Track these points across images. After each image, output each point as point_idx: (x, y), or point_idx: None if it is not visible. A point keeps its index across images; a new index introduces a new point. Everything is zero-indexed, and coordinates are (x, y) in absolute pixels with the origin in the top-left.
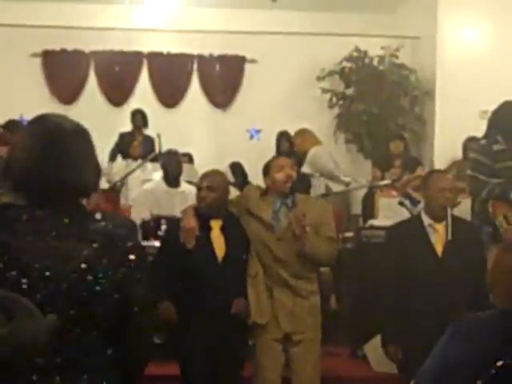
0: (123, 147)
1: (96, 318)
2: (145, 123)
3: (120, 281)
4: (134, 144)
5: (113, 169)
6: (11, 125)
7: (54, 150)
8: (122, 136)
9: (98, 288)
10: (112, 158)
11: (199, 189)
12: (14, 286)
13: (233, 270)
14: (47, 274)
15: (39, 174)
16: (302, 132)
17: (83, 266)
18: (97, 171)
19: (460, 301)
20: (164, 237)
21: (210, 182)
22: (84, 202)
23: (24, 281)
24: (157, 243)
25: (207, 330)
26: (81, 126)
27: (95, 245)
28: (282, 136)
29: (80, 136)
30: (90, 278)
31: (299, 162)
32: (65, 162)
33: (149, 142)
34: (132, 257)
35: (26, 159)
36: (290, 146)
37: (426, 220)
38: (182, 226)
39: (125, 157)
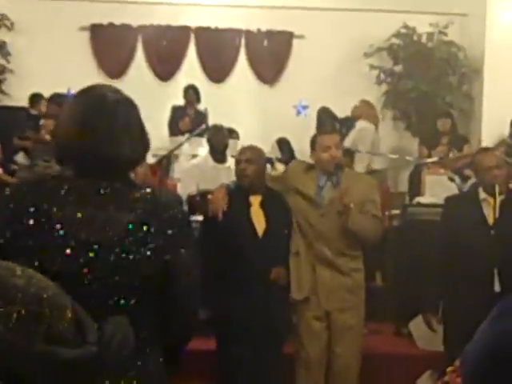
0: (176, 121)
1: (140, 284)
2: (198, 98)
3: (163, 247)
4: (185, 119)
5: (175, 142)
6: (56, 98)
7: (100, 121)
8: (175, 109)
9: (141, 254)
10: (173, 131)
11: (237, 162)
12: (58, 255)
13: (274, 244)
14: (91, 241)
15: (84, 146)
16: (366, 103)
17: (123, 234)
18: (144, 143)
19: (509, 277)
20: (204, 213)
21: (249, 155)
22: (131, 175)
23: (68, 249)
24: (202, 218)
25: (248, 305)
26: (128, 98)
27: (138, 212)
28: (323, 112)
29: (127, 107)
30: (133, 244)
31: (347, 129)
32: (110, 134)
33: (200, 116)
34: (174, 223)
35: (71, 130)
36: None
37: (482, 194)
38: (210, 198)
39: (175, 131)
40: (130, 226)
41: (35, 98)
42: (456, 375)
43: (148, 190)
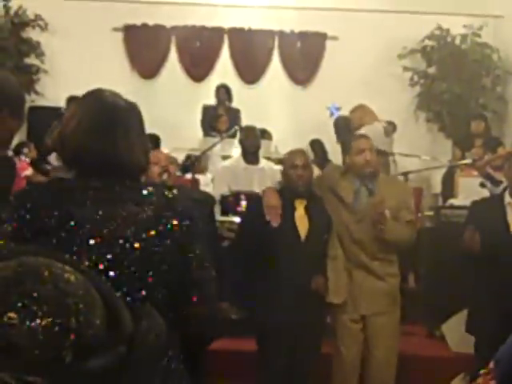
0: (209, 120)
1: (160, 279)
2: (229, 98)
3: (179, 241)
4: (222, 119)
5: (208, 143)
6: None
7: (111, 126)
8: (206, 109)
9: (159, 249)
10: (206, 131)
11: (294, 166)
12: (78, 255)
13: (315, 249)
14: (115, 237)
15: (92, 149)
16: (358, 107)
17: (144, 228)
18: (146, 150)
19: None
20: (247, 213)
21: (305, 161)
22: (165, 175)
23: (87, 249)
24: (236, 218)
25: (287, 306)
26: (134, 104)
27: (152, 208)
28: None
29: (134, 114)
30: (152, 239)
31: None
32: (118, 139)
33: (234, 114)
34: (186, 216)
35: (80, 133)
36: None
37: (507, 198)
38: (265, 204)
39: (210, 130)
40: (151, 220)
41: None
42: (490, 377)
43: (157, 187)
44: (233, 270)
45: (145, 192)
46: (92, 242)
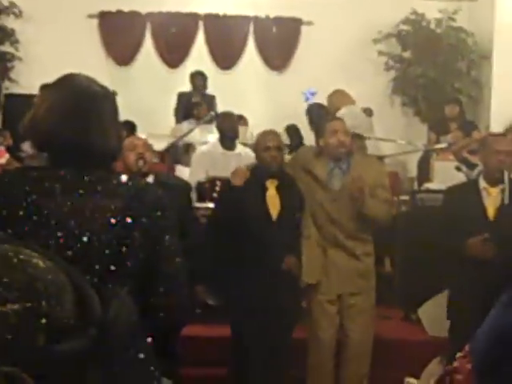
0: (184, 106)
1: (127, 271)
2: (204, 84)
3: (148, 232)
4: (202, 107)
5: (182, 130)
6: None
7: (83, 111)
8: (181, 96)
9: (127, 241)
10: (179, 119)
11: (267, 148)
12: (46, 245)
13: (286, 229)
14: (77, 231)
15: (65, 135)
16: (336, 91)
17: (112, 220)
18: (119, 136)
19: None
20: (218, 197)
21: (278, 143)
22: (141, 162)
23: (60, 239)
24: (211, 205)
25: (260, 288)
26: (108, 90)
27: (120, 199)
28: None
29: (108, 100)
30: (119, 231)
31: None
32: (93, 125)
33: (210, 101)
34: (157, 208)
35: (53, 118)
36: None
37: (482, 183)
38: (231, 173)
39: (187, 117)
40: (119, 212)
41: None
42: (466, 361)
43: (126, 177)
44: (208, 254)
45: (115, 182)
46: (59, 234)
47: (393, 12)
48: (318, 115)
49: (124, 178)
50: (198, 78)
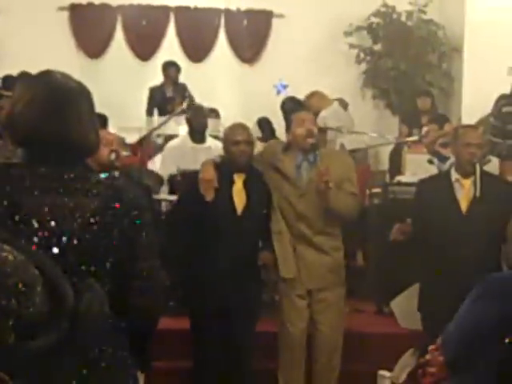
0: (158, 101)
1: (106, 271)
2: (177, 76)
3: (126, 232)
4: (177, 102)
5: (152, 123)
6: (8, 81)
7: (61, 107)
8: (153, 90)
9: (106, 240)
10: (149, 112)
11: (236, 142)
12: (31, 244)
13: (252, 223)
14: (58, 230)
15: (44, 131)
16: (314, 93)
17: (91, 220)
18: (96, 131)
19: (483, 257)
20: (181, 190)
21: (247, 137)
22: (113, 156)
23: (35, 238)
24: None
25: (221, 282)
26: (84, 86)
27: (99, 198)
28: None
29: (84, 95)
30: (98, 231)
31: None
32: (71, 121)
33: (183, 91)
34: (136, 206)
35: (32, 115)
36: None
37: (454, 175)
38: (200, 177)
39: (161, 113)
40: (98, 211)
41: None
42: (438, 353)
43: (104, 175)
44: (169, 246)
45: (93, 181)
46: (40, 234)
47: (363, 5)
48: (292, 109)
49: (102, 176)
50: (171, 68)
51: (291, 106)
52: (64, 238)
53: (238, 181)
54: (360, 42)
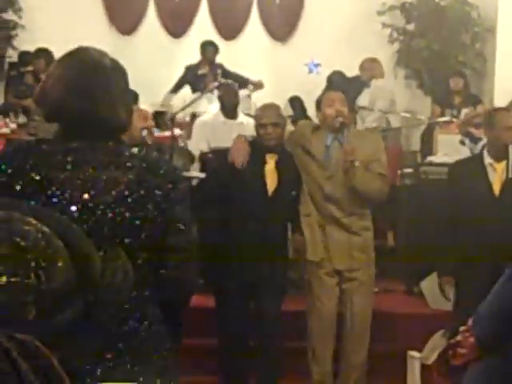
0: (195, 80)
1: (141, 244)
2: (213, 57)
3: (160, 204)
4: (208, 78)
5: (171, 100)
6: (25, 56)
7: (91, 83)
8: (188, 68)
9: (141, 213)
10: (174, 89)
11: (263, 125)
12: (71, 221)
13: (281, 205)
14: (91, 204)
15: (73, 106)
16: (372, 60)
17: (125, 192)
18: (129, 109)
19: None
20: (213, 165)
21: (275, 118)
22: (145, 132)
23: (74, 213)
24: None
25: (248, 260)
26: (119, 64)
27: (133, 171)
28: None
29: (118, 73)
30: (133, 203)
31: (360, 89)
32: (100, 97)
33: (218, 69)
34: (169, 180)
35: (62, 90)
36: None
37: (487, 159)
38: (231, 147)
39: (195, 90)
40: (132, 184)
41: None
42: (468, 335)
43: (137, 149)
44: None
45: (127, 154)
46: (73, 208)
47: None
48: (339, 83)
49: (135, 149)
50: (209, 47)
51: (338, 80)
52: (98, 211)
53: (271, 161)
54: (393, 22)
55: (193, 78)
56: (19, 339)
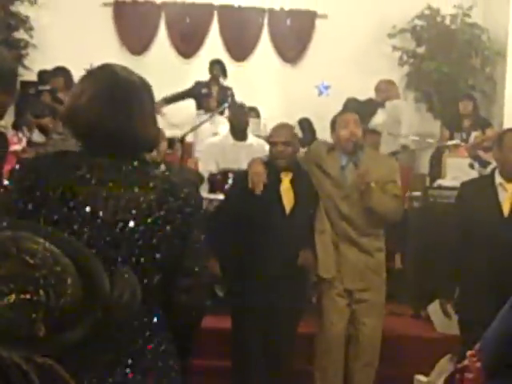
0: (198, 97)
1: (156, 264)
2: (223, 74)
3: (178, 227)
4: (213, 96)
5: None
6: (43, 75)
7: (125, 101)
8: (198, 84)
9: (159, 234)
10: (170, 98)
11: (274, 143)
12: (84, 233)
13: (300, 223)
14: (116, 219)
15: (109, 124)
16: (387, 81)
17: (146, 212)
18: (157, 125)
19: None
20: (230, 188)
21: (286, 137)
22: (154, 152)
23: (87, 229)
24: (223, 197)
25: (267, 282)
26: (145, 80)
27: (155, 192)
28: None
29: (146, 91)
30: (152, 223)
31: (374, 111)
32: (135, 114)
33: (225, 91)
34: (190, 202)
35: (96, 108)
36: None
37: (498, 179)
38: (249, 171)
39: (199, 107)
40: (153, 204)
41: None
42: (475, 359)
43: (162, 169)
44: (216, 245)
45: (150, 174)
46: (93, 222)
47: (408, 7)
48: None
49: (159, 170)
50: (217, 67)
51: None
52: (117, 229)
53: (285, 179)
54: (403, 45)
55: (198, 95)
56: (38, 362)
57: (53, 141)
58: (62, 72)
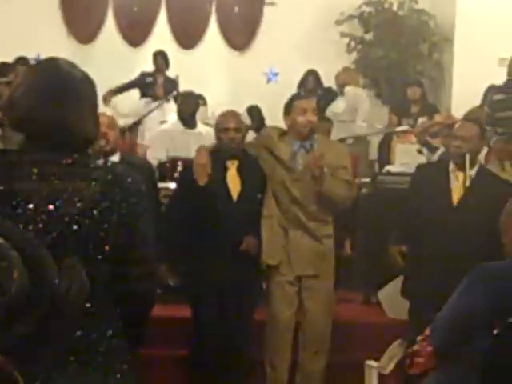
0: (143, 86)
1: (104, 256)
2: (166, 65)
3: (124, 218)
4: (158, 84)
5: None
6: (3, 68)
7: (60, 94)
8: (143, 75)
9: (105, 226)
10: (117, 90)
11: (225, 130)
12: (29, 229)
13: (247, 209)
14: (56, 215)
15: (40, 116)
16: (348, 70)
17: (90, 204)
18: (97, 122)
19: (472, 250)
20: (179, 177)
21: (236, 124)
22: (103, 142)
23: (32, 225)
24: (173, 185)
25: (219, 269)
26: (89, 76)
27: (99, 183)
28: (310, 74)
29: (88, 85)
30: (97, 216)
31: (332, 99)
32: (69, 108)
33: (170, 83)
34: (135, 192)
35: (30, 99)
36: (315, 84)
37: (452, 166)
38: (194, 162)
39: (144, 95)
40: (97, 196)
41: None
42: (426, 344)
43: (102, 161)
44: (168, 234)
45: (92, 166)
46: (38, 218)
47: None
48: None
49: (101, 161)
50: (160, 57)
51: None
52: (63, 223)
53: (232, 167)
54: (351, 31)
55: (143, 84)
56: None
57: (8, 133)
58: (23, 62)
